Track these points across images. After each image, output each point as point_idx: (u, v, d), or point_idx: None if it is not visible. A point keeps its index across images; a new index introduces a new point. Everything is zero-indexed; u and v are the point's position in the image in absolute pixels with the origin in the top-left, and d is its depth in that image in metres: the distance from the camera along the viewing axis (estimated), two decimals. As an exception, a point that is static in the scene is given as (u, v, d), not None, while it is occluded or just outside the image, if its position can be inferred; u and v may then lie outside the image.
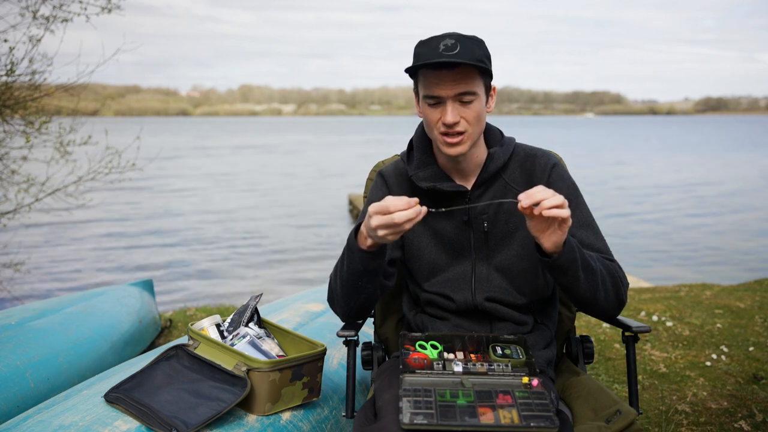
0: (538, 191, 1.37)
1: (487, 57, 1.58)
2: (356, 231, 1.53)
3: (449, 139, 1.58)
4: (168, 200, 17.45)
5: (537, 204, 1.37)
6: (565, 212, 1.36)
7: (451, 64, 1.51)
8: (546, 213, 1.35)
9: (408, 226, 1.38)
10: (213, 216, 14.91)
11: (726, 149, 41.70)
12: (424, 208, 1.39)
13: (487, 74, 1.59)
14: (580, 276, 1.49)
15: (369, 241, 1.48)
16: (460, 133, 1.57)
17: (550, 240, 1.42)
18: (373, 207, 1.39)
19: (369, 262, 1.52)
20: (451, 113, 1.54)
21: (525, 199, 1.37)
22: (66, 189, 5.50)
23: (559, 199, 1.37)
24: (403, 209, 1.36)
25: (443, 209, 1.54)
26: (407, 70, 1.60)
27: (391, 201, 1.37)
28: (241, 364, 1.70)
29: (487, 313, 1.70)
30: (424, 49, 1.55)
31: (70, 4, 4.58)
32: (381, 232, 1.39)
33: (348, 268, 1.56)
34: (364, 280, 1.56)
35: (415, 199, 1.39)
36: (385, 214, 1.37)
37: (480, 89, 1.57)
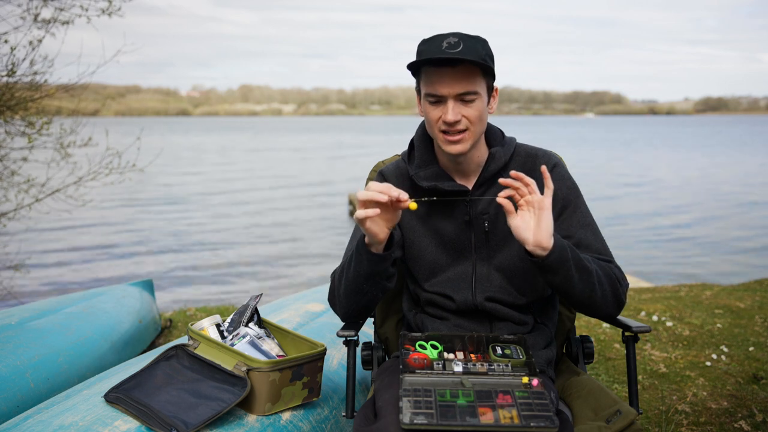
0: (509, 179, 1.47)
1: (490, 56, 1.58)
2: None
3: (450, 137, 1.58)
4: (168, 199, 17.44)
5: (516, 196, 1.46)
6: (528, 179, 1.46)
7: (453, 63, 1.52)
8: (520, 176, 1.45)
9: (363, 197, 1.41)
10: (213, 215, 14.91)
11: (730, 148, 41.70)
12: (399, 196, 1.42)
13: (489, 74, 1.59)
14: (573, 276, 1.49)
15: (367, 237, 1.50)
16: (461, 131, 1.57)
17: (535, 236, 1.45)
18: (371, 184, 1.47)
19: (375, 265, 1.52)
20: (452, 112, 1.54)
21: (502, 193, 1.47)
22: (66, 189, 5.50)
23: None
24: (380, 190, 1.42)
25: (435, 198, 1.62)
26: (410, 68, 1.60)
27: (373, 183, 1.46)
28: (241, 364, 1.70)
29: (487, 313, 1.70)
30: (427, 46, 1.56)
31: (71, 7, 4.58)
32: (360, 198, 1.44)
33: (355, 270, 1.56)
34: (369, 283, 1.57)
35: (404, 194, 1.43)
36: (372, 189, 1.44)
37: (482, 89, 1.57)
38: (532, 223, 1.46)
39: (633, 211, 15.52)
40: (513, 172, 1.46)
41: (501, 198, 1.46)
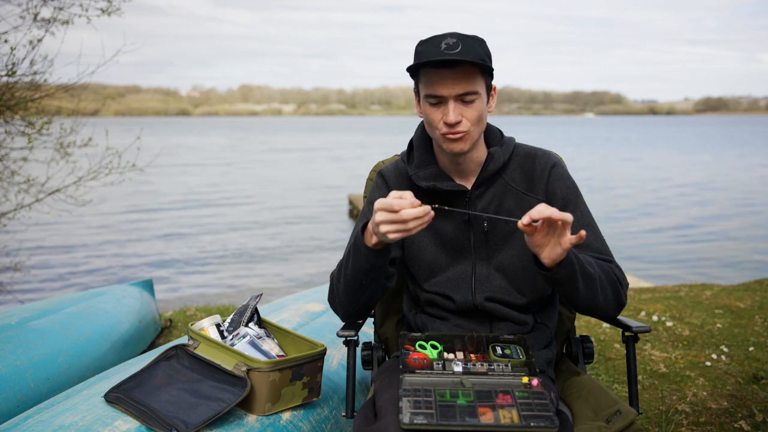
0: (539, 209, 1.35)
1: (488, 56, 1.58)
2: (363, 228, 1.53)
3: (451, 136, 1.57)
4: (168, 199, 17.45)
5: (536, 221, 1.35)
6: (568, 215, 1.35)
7: (453, 63, 1.51)
8: (556, 216, 1.33)
9: (413, 225, 1.37)
10: (214, 216, 14.92)
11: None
12: (430, 208, 1.37)
13: (488, 73, 1.59)
14: (579, 286, 1.48)
15: (374, 239, 1.47)
16: (462, 132, 1.57)
17: (548, 256, 1.40)
18: (379, 203, 1.39)
19: (375, 260, 1.51)
20: (453, 112, 1.54)
21: (525, 217, 1.35)
22: (66, 189, 5.50)
23: (565, 214, 1.34)
24: (412, 209, 1.36)
25: (446, 207, 1.53)
26: (409, 69, 1.60)
27: (396, 200, 1.37)
28: (241, 364, 1.70)
29: (487, 313, 1.70)
30: (426, 48, 1.56)
31: (71, 6, 4.59)
32: (384, 228, 1.38)
33: (353, 266, 1.55)
34: (369, 279, 1.56)
35: (418, 201, 1.38)
36: (390, 211, 1.37)
37: (481, 88, 1.57)
38: (547, 244, 1.40)
39: (636, 211, 15.51)
40: (558, 215, 1.33)
41: (523, 225, 1.36)
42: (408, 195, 1.38)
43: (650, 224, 13.74)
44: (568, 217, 1.34)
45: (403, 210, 1.36)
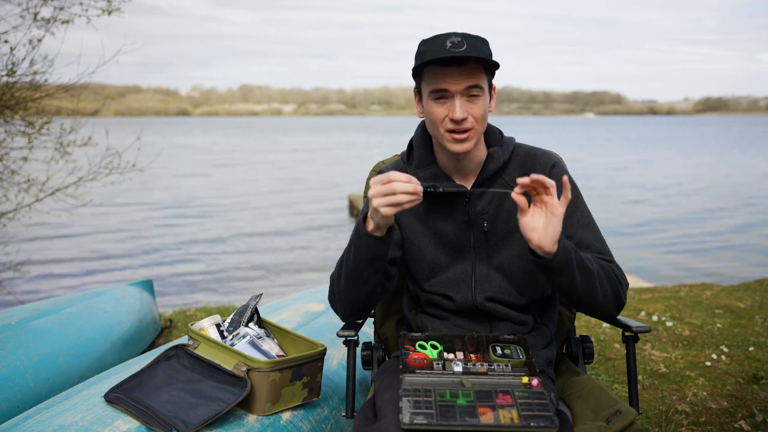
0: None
1: (491, 56, 1.59)
2: (364, 219, 1.53)
3: (456, 136, 1.57)
4: (168, 200, 17.45)
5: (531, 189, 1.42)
6: (551, 180, 1.41)
7: (459, 61, 1.52)
8: (541, 178, 1.39)
9: (403, 199, 1.40)
10: (214, 216, 14.92)
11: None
12: (421, 187, 1.42)
13: (490, 72, 1.60)
14: (576, 277, 1.49)
15: (371, 224, 1.49)
16: (467, 130, 1.57)
17: (545, 235, 1.42)
18: (376, 177, 1.43)
19: (375, 248, 1.51)
20: (459, 108, 1.54)
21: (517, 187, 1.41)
22: (66, 189, 5.50)
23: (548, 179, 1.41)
24: (403, 181, 1.40)
25: (440, 189, 1.56)
26: (415, 68, 1.60)
27: (393, 173, 1.42)
28: (241, 364, 1.70)
29: (487, 313, 1.70)
30: (430, 46, 1.56)
31: (71, 6, 4.59)
32: (376, 202, 1.41)
33: (354, 257, 1.55)
34: (369, 269, 1.56)
35: (415, 180, 1.42)
36: (384, 183, 1.41)
37: (485, 85, 1.58)
38: (541, 224, 1.42)
39: (638, 211, 15.51)
40: (534, 176, 1.40)
41: (516, 195, 1.41)
42: (406, 174, 1.43)
43: (655, 224, 13.73)
44: (549, 181, 1.41)
45: (396, 182, 1.40)
